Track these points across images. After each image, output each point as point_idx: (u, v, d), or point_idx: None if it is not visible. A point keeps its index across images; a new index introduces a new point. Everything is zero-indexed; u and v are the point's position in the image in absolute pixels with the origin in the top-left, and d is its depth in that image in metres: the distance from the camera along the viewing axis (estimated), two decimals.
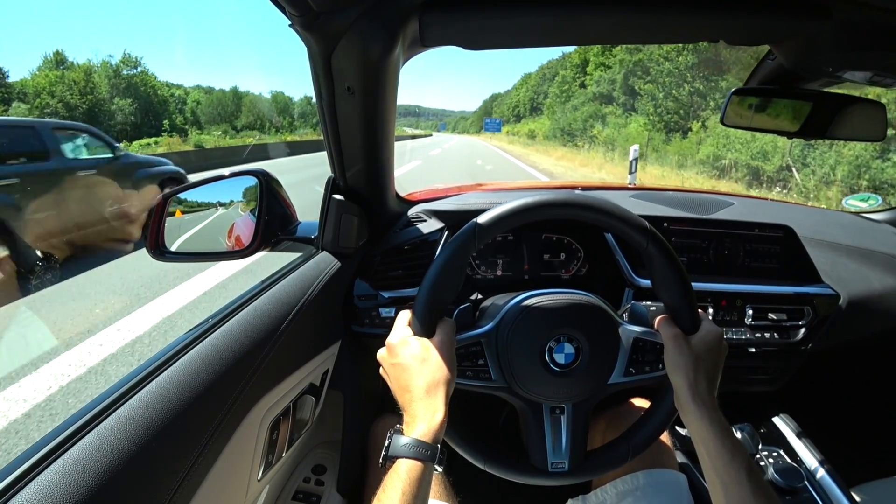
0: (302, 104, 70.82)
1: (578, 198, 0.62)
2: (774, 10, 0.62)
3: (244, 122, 52.78)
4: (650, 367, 0.64)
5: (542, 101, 48.87)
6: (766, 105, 0.96)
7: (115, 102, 39.29)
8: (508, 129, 58.13)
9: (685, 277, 0.61)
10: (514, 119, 63.69)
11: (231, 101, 55.24)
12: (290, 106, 68.51)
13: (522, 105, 60.78)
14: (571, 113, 29.21)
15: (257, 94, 61.73)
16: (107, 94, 38.90)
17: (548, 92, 45.52)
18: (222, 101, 54.79)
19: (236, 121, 53.15)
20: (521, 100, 61.94)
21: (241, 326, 0.63)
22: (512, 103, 69.43)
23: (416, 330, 0.60)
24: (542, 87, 51.64)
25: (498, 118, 58.67)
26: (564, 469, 0.64)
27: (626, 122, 21.83)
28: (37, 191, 4.25)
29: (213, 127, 48.13)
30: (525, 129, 46.22)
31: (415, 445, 0.51)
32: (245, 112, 54.38)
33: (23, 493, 0.38)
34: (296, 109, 68.51)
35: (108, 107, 38.59)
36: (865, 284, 1.03)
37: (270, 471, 0.73)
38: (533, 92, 56.44)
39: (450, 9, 0.63)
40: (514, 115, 65.27)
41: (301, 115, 67.25)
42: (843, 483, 0.87)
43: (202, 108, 53.77)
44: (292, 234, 0.88)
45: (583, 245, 1.05)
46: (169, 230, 0.81)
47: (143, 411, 0.47)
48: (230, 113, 54.15)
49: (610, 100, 25.89)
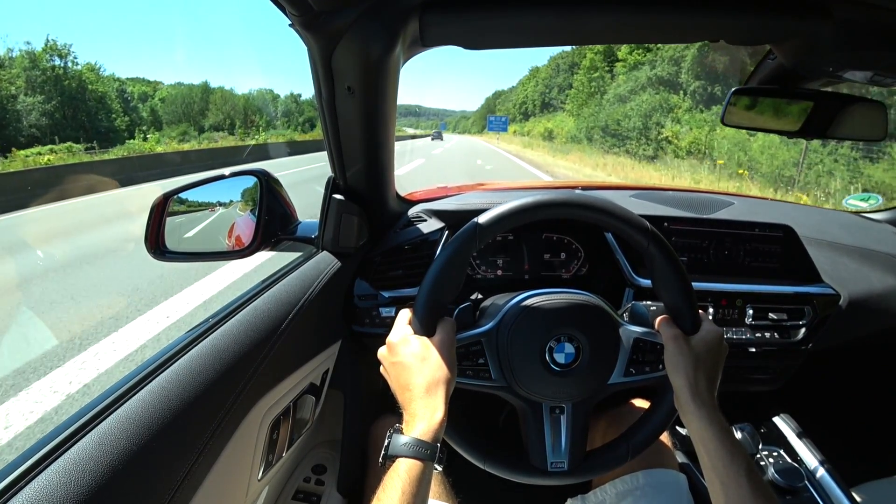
0: (286, 102, 64.84)
1: (579, 197, 0.62)
2: (775, 10, 0.62)
3: (212, 121, 47.62)
4: (650, 368, 0.64)
5: (556, 97, 42.92)
6: (767, 105, 0.96)
7: (22, 100, 30.65)
8: (516, 128, 51.95)
9: (686, 278, 0.61)
10: (522, 117, 56.05)
11: (200, 98, 49.29)
12: (269, 103, 61.53)
13: (531, 101, 52.94)
14: (615, 107, 21.16)
15: (229, 90, 53.84)
16: (17, 89, 30.99)
17: (563, 84, 39.71)
18: (188, 98, 48.97)
19: (204, 120, 47.97)
20: (530, 95, 53.95)
21: (241, 326, 0.63)
22: (518, 100, 60.63)
23: (417, 329, 0.60)
24: (555, 80, 44.43)
25: (504, 115, 46.32)
26: (564, 469, 0.64)
27: (709, 119, 14.56)
28: None
29: (169, 128, 42.93)
30: (539, 127, 38.83)
31: (414, 444, 0.51)
32: (213, 110, 48.73)
33: (23, 493, 0.38)
34: (280, 107, 62.34)
35: (13, 105, 30.26)
36: (866, 284, 1.03)
37: (271, 470, 0.73)
38: (544, 86, 48.23)
39: (450, 9, 0.63)
40: (520, 112, 57.15)
41: (285, 114, 61.49)
42: (843, 483, 0.87)
43: (164, 107, 48.21)
44: (292, 233, 0.88)
45: (583, 245, 1.05)
46: (169, 230, 0.81)
47: (143, 411, 0.47)
48: (198, 111, 48.70)
49: (672, 88, 18.62)
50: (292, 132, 48.21)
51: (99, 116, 36.72)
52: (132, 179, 11.98)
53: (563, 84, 40.44)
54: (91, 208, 8.54)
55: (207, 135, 38.79)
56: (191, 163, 15.66)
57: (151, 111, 48.47)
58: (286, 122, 58.03)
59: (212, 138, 35.43)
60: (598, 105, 23.55)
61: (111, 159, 16.36)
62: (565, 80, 39.84)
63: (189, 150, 20.82)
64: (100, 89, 37.42)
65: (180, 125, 44.18)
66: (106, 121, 37.09)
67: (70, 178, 10.34)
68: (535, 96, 50.95)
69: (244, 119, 50.03)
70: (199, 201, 0.86)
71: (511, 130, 49.61)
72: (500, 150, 27.42)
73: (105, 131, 35.67)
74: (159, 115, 48.84)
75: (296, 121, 59.17)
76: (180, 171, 13.32)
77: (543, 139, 33.99)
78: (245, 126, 48.23)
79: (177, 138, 35.67)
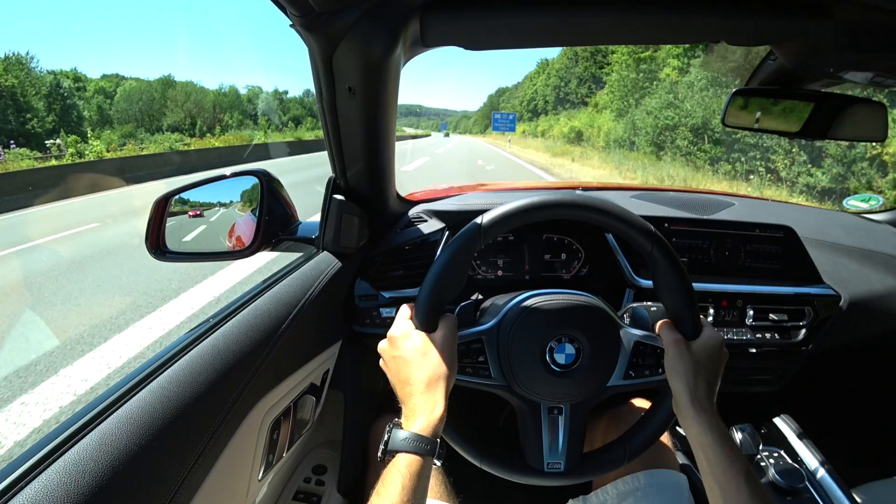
0: (267, 99, 55.94)
1: (581, 198, 0.62)
2: (776, 11, 0.62)
3: (172, 120, 40.19)
4: (650, 371, 0.64)
5: (575, 90, 34.76)
6: (768, 106, 0.96)
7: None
8: (525, 127, 44.35)
9: (688, 283, 0.61)
10: (531, 115, 48.99)
11: (160, 95, 42.37)
12: (243, 101, 52.71)
13: (541, 97, 45.52)
14: (694, 100, 14.28)
15: (196, 84, 46.71)
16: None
17: (584, 75, 32.38)
18: (144, 95, 41.47)
19: (164, 119, 40.47)
20: (540, 91, 46.36)
21: (241, 326, 0.63)
22: (526, 96, 53.68)
23: (418, 324, 0.60)
24: (573, 71, 36.10)
25: (511, 112, 36.08)
26: (560, 470, 0.64)
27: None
28: None
29: (111, 130, 34.88)
30: (560, 126, 29.52)
31: (414, 440, 0.51)
32: (172, 107, 41.92)
33: (23, 492, 0.38)
34: (260, 104, 53.19)
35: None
36: (866, 285, 1.03)
37: (271, 471, 0.73)
38: (558, 79, 39.63)
39: (451, 9, 0.63)
40: (529, 110, 50.18)
41: (265, 112, 53.20)
42: (843, 483, 0.87)
43: (117, 104, 40.66)
44: (293, 234, 0.88)
45: (584, 245, 1.05)
46: (169, 230, 0.82)
47: (143, 411, 0.47)
48: (158, 109, 41.31)
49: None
50: (265, 132, 39.68)
51: (7, 117, 30.44)
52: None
53: (584, 75, 33.31)
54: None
55: (158, 137, 32.05)
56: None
57: (98, 109, 40.85)
58: (266, 120, 50.21)
59: (160, 141, 27.39)
60: (663, 99, 15.89)
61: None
62: (587, 71, 32.75)
63: (114, 157, 15.27)
64: (5, 83, 30.68)
65: (126, 126, 38.15)
66: (15, 122, 30.64)
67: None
68: (548, 91, 43.22)
69: (211, 117, 43.68)
70: (199, 201, 0.86)
71: (519, 130, 42.36)
72: (519, 160, 18.92)
73: (15, 134, 28.24)
74: (107, 113, 41.51)
75: (279, 119, 52.47)
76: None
77: (569, 142, 24.74)
78: (209, 125, 41.80)
79: (118, 142, 28.56)
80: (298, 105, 60.63)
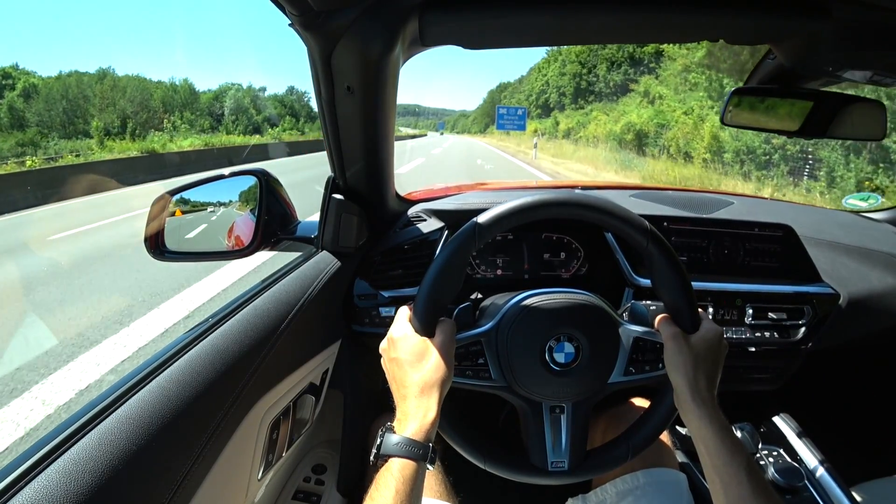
0: (239, 97, 43.84)
1: (579, 197, 0.62)
2: (775, 10, 0.62)
3: (105, 121, 31.21)
4: (650, 367, 0.64)
5: (606, 76, 27.19)
6: (766, 104, 0.96)
7: None
8: (536, 125, 33.74)
9: (685, 277, 0.61)
10: (540, 111, 40.29)
11: (93, 92, 33.97)
12: (200, 99, 42.62)
13: (554, 90, 37.73)
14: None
15: (135, 77, 37.68)
16: None
17: (619, 58, 25.53)
18: (70, 92, 33.24)
19: (92, 120, 30.66)
20: (553, 82, 38.03)
21: (241, 326, 0.63)
22: (534, 90, 44.47)
23: (417, 328, 0.60)
24: (601, 53, 27.97)
25: (520, 107, 22.83)
26: (564, 468, 0.64)
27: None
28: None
29: (12, 135, 26.85)
30: (596, 126, 20.82)
31: (407, 444, 0.51)
32: (102, 107, 33.65)
33: (23, 492, 0.38)
34: (229, 102, 42.50)
35: None
36: (865, 284, 1.03)
37: (270, 470, 0.73)
38: (579, 65, 31.78)
39: (450, 8, 0.63)
40: (538, 105, 41.53)
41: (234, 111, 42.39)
42: (843, 482, 0.88)
43: (36, 104, 32.38)
44: (292, 233, 0.88)
45: (583, 244, 1.05)
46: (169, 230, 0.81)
47: (143, 411, 0.47)
48: (86, 110, 33.24)
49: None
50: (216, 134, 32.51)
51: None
52: None
53: (619, 58, 26.00)
54: None
55: (66, 144, 24.85)
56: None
57: (9, 110, 32.19)
58: (233, 119, 40.96)
59: (77, 149, 21.02)
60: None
61: None
62: (622, 52, 25.39)
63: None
64: None
65: (28, 131, 28.92)
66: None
67: None
68: (564, 81, 35.19)
69: (154, 117, 35.94)
70: (199, 201, 0.86)
71: (530, 129, 31.77)
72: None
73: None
74: (23, 115, 32.67)
75: (248, 120, 41.93)
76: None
77: (622, 147, 16.35)
78: (155, 126, 33.83)
79: (12, 150, 22.03)
80: (277, 103, 52.58)
